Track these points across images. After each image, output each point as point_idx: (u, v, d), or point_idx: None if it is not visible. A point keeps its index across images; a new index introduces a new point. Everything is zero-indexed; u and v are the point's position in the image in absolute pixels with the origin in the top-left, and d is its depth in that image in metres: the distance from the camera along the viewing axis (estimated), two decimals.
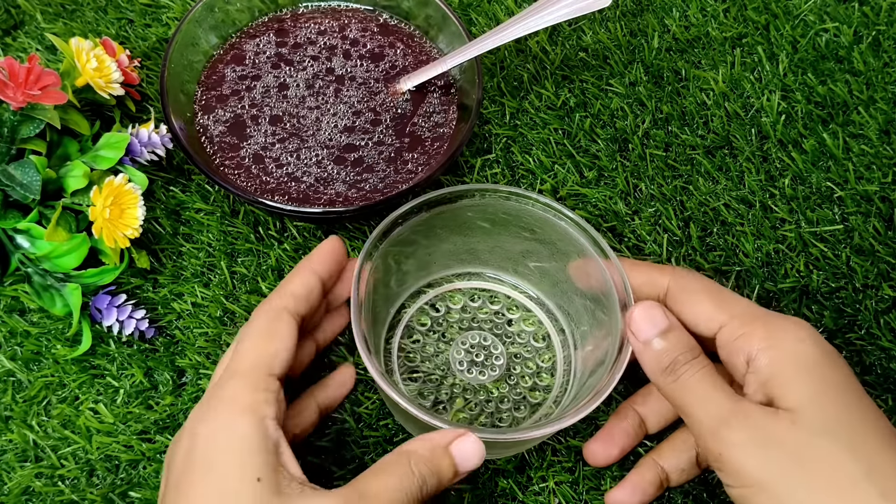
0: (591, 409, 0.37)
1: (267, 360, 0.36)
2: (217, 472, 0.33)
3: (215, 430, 0.34)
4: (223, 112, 0.51)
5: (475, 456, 0.36)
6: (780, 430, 0.34)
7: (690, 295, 0.39)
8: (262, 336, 0.37)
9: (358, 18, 0.56)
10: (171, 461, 0.35)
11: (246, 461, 0.33)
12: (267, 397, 0.35)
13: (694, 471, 0.42)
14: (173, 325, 0.48)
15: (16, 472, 0.44)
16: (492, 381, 0.45)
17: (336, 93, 0.52)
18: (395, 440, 0.45)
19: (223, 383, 0.36)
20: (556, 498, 0.43)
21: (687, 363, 0.37)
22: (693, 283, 0.40)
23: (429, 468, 0.35)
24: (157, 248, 0.50)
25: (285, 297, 0.39)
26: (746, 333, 0.37)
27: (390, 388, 0.37)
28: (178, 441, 0.36)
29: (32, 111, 0.46)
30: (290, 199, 0.48)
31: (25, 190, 0.45)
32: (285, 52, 0.54)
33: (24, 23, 0.59)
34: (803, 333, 0.37)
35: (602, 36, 0.59)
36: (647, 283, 0.41)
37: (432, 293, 0.48)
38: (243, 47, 0.54)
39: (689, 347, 0.38)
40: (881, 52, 0.58)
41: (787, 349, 0.36)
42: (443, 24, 0.53)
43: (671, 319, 0.38)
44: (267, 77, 0.53)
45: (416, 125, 0.51)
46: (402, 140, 0.51)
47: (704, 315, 0.39)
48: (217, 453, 0.33)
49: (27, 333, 0.47)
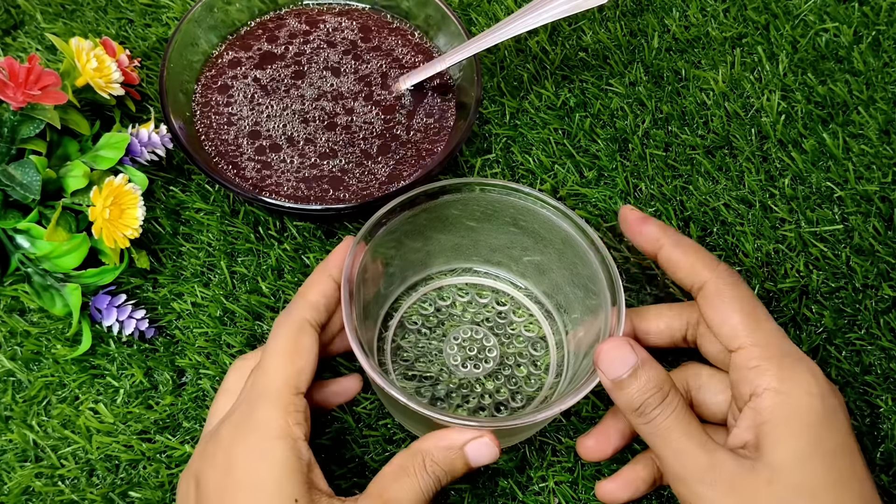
0: (590, 388, 0.38)
1: (294, 379, 0.37)
2: (258, 494, 0.35)
3: (253, 454, 0.36)
4: (223, 111, 0.51)
5: (489, 457, 0.37)
6: (755, 488, 0.35)
7: (723, 302, 0.39)
8: (288, 353, 0.38)
9: (358, 18, 0.56)
10: (204, 476, 0.36)
11: (284, 483, 0.35)
12: (297, 419, 0.37)
13: None
14: (173, 325, 0.48)
15: (16, 471, 0.44)
16: (486, 374, 0.45)
17: (335, 91, 0.52)
18: (394, 439, 0.45)
19: (255, 404, 0.37)
20: (555, 498, 0.43)
21: (657, 406, 0.36)
22: (730, 290, 0.39)
23: (444, 469, 0.37)
24: (157, 248, 0.50)
25: (306, 308, 0.40)
26: (761, 368, 0.37)
27: (390, 385, 0.37)
28: (208, 457, 0.37)
29: (32, 111, 0.46)
30: (289, 197, 0.48)
31: (25, 190, 0.45)
32: (285, 52, 0.54)
33: (24, 23, 0.59)
34: (814, 388, 0.36)
35: (602, 36, 0.59)
36: (689, 273, 0.40)
37: (422, 290, 0.48)
38: (243, 47, 0.54)
39: (659, 386, 0.37)
40: (881, 52, 0.58)
41: (793, 400, 0.36)
42: (442, 24, 0.53)
43: (640, 355, 0.37)
44: (266, 76, 0.53)
45: (414, 124, 0.51)
46: (401, 138, 0.51)
47: (728, 329, 0.38)
48: (256, 477, 0.35)
49: (27, 333, 0.47)
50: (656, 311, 0.43)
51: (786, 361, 0.37)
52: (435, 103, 0.52)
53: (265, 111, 0.51)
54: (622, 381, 0.37)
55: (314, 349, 0.39)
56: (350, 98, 0.52)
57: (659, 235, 0.41)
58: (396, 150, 0.50)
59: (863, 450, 0.44)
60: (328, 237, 0.51)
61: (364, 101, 0.52)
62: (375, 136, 0.51)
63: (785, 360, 0.37)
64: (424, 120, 0.52)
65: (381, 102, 0.52)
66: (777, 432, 0.35)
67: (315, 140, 0.50)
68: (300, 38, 0.54)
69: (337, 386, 0.44)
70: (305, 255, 0.50)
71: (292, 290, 0.49)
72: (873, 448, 0.45)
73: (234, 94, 0.52)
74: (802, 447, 0.35)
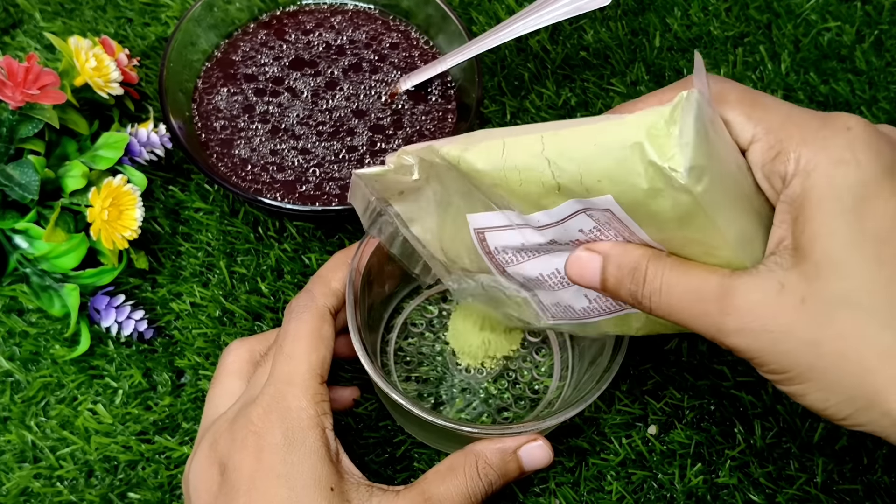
0: (596, 395, 0.37)
1: (318, 367, 0.37)
2: (294, 483, 0.34)
3: (287, 442, 0.35)
4: (222, 111, 0.51)
5: (543, 460, 0.37)
6: (786, 315, 0.28)
7: (722, 106, 0.31)
8: (313, 340, 0.37)
9: (358, 17, 0.55)
10: (233, 462, 0.35)
11: (319, 473, 0.35)
12: (324, 408, 0.36)
13: None
14: (172, 326, 0.48)
15: (14, 472, 0.44)
16: (490, 378, 0.45)
17: (335, 92, 0.52)
18: (394, 440, 0.45)
19: (284, 391, 0.36)
20: (556, 499, 0.43)
21: (634, 283, 0.31)
22: (730, 91, 0.31)
23: (497, 473, 0.37)
24: (156, 248, 0.50)
25: (329, 296, 0.39)
26: (782, 153, 0.29)
27: (393, 390, 0.37)
28: (238, 443, 0.35)
29: (31, 111, 0.46)
30: (289, 197, 0.48)
31: (24, 190, 0.45)
32: (285, 52, 0.53)
33: (23, 21, 0.59)
34: (846, 154, 0.28)
35: (603, 35, 0.59)
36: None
37: (426, 293, 0.47)
38: (242, 46, 0.54)
39: (631, 269, 0.31)
40: (883, 52, 0.58)
41: (820, 180, 0.28)
42: (443, 24, 0.53)
43: (600, 250, 0.32)
44: (266, 76, 0.52)
45: (415, 124, 0.51)
46: (402, 139, 0.50)
47: (735, 131, 0.30)
48: (291, 465, 0.34)
49: (25, 334, 0.47)
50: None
51: (807, 132, 0.29)
52: (435, 104, 0.52)
53: (265, 111, 0.51)
54: (602, 281, 0.32)
55: (333, 338, 0.39)
56: (350, 98, 0.52)
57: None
58: (397, 150, 0.50)
59: (865, 449, 0.44)
60: (328, 237, 0.51)
61: (365, 102, 0.52)
62: (376, 137, 0.50)
63: (806, 130, 0.29)
64: (425, 120, 0.51)
65: (381, 103, 0.52)
66: (810, 229, 0.28)
67: (315, 140, 0.50)
68: (300, 38, 0.54)
69: (333, 393, 0.43)
70: (305, 256, 0.50)
71: (292, 291, 0.49)
72: (876, 447, 0.44)
73: (234, 94, 0.52)
74: (840, 242, 0.27)
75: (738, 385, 0.46)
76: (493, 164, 0.31)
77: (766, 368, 0.29)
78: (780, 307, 0.28)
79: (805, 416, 0.45)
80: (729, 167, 0.29)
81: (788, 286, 0.28)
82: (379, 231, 0.40)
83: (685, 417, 0.45)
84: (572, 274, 0.33)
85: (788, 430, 0.45)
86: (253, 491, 0.34)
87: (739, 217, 0.29)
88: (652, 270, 0.31)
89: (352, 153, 0.50)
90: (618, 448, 0.44)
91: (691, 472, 0.44)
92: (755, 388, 0.45)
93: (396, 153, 0.36)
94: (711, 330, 0.29)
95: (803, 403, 0.29)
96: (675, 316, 0.31)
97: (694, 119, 0.26)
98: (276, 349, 0.38)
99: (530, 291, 0.37)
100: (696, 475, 0.43)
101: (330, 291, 0.39)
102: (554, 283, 0.35)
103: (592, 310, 0.36)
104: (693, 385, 0.46)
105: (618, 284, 0.32)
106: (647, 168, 0.27)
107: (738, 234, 0.29)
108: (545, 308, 0.38)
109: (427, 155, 0.34)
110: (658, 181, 0.27)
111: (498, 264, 0.36)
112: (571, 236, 0.32)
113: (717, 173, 0.28)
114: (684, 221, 0.28)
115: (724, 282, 0.29)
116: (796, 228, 0.28)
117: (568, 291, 0.35)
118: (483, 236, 0.35)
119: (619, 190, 0.28)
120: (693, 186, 0.27)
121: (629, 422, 0.45)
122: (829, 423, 0.44)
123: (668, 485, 0.44)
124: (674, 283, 0.30)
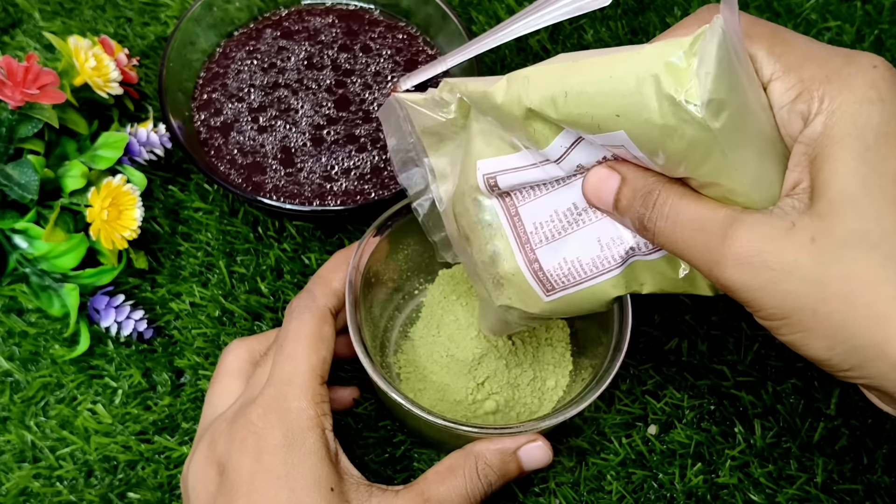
0: (597, 394, 0.37)
1: (319, 367, 0.37)
2: (293, 483, 0.34)
3: (287, 443, 0.35)
4: (222, 111, 0.51)
5: (543, 460, 0.38)
6: (791, 252, 0.26)
7: (744, 42, 0.29)
8: (313, 341, 0.37)
9: (358, 17, 0.55)
10: (232, 462, 0.35)
11: (319, 474, 0.35)
12: (324, 409, 0.36)
13: None
14: (171, 326, 0.48)
15: (13, 472, 0.44)
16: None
17: (335, 92, 0.52)
18: (394, 440, 0.45)
19: (285, 391, 0.36)
20: (556, 499, 0.43)
21: (644, 206, 0.30)
22: (751, 25, 0.29)
23: (497, 474, 0.37)
24: (156, 248, 0.50)
25: (330, 296, 0.39)
26: (804, 92, 0.28)
27: (393, 390, 0.37)
28: (237, 443, 0.35)
29: (30, 110, 0.46)
30: (288, 198, 0.48)
31: (23, 190, 0.45)
32: (285, 51, 0.53)
33: (22, 21, 0.59)
34: (871, 92, 0.27)
35: (603, 34, 0.59)
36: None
37: (426, 293, 0.47)
38: (242, 46, 0.54)
39: (644, 192, 0.30)
40: (883, 51, 0.58)
41: (843, 118, 0.27)
42: (442, 23, 0.53)
43: (621, 171, 0.31)
44: (266, 76, 0.52)
45: None
46: None
47: (756, 68, 0.29)
48: (291, 467, 0.35)
49: (25, 334, 0.47)
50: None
51: (830, 70, 0.28)
52: None
53: (264, 110, 0.51)
54: (614, 205, 0.31)
55: (333, 339, 0.39)
56: (350, 98, 0.52)
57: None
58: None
59: (865, 449, 0.44)
60: (328, 237, 0.51)
61: (364, 102, 0.52)
62: (376, 137, 0.50)
63: (829, 68, 0.28)
64: None
65: (381, 103, 0.52)
66: (828, 168, 0.26)
67: (314, 140, 0.50)
68: (300, 38, 0.54)
69: (333, 393, 0.43)
70: (305, 256, 0.50)
71: (292, 291, 0.49)
72: (876, 447, 0.44)
73: (234, 94, 0.52)
74: (859, 180, 0.26)
75: (738, 385, 0.46)
76: (513, 98, 0.30)
77: (763, 313, 0.27)
78: (787, 244, 0.26)
79: (805, 415, 0.45)
80: (752, 105, 0.27)
81: (799, 225, 0.26)
82: (407, 180, 0.37)
83: (685, 417, 0.45)
84: (588, 188, 0.31)
85: (788, 430, 0.45)
86: (252, 492, 0.34)
87: (760, 160, 0.27)
88: (664, 196, 0.29)
89: (352, 153, 0.50)
90: (618, 448, 0.44)
91: (691, 471, 0.44)
92: (755, 388, 0.45)
93: (440, 84, 0.34)
94: (710, 262, 0.28)
95: (804, 354, 0.27)
96: (677, 245, 0.29)
97: (717, 48, 0.24)
98: (277, 349, 0.38)
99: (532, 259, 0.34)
100: (696, 475, 0.43)
101: (330, 291, 0.39)
102: (565, 224, 0.33)
103: (603, 260, 0.33)
104: (693, 385, 0.46)
105: (628, 206, 0.30)
106: (661, 102, 0.25)
107: (757, 179, 0.27)
108: (548, 276, 0.34)
109: (460, 90, 0.32)
110: (672, 117, 0.25)
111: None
112: (591, 161, 0.31)
113: (737, 110, 0.25)
114: (700, 161, 0.27)
115: (733, 215, 0.28)
116: (813, 168, 0.27)
117: (578, 235, 0.33)
118: (494, 181, 0.33)
119: (632, 126, 0.26)
120: (711, 121, 0.25)
121: (629, 421, 0.45)
122: (830, 423, 0.44)
123: (668, 485, 0.43)
124: (681, 211, 0.29)
